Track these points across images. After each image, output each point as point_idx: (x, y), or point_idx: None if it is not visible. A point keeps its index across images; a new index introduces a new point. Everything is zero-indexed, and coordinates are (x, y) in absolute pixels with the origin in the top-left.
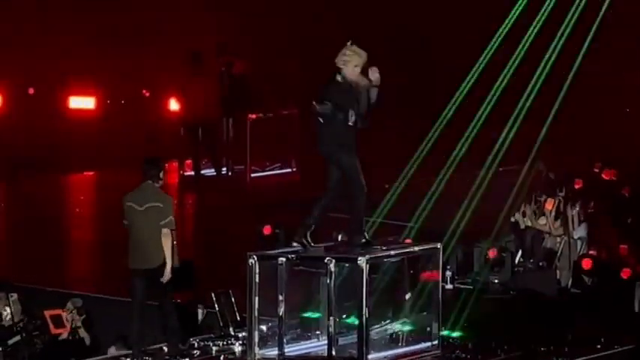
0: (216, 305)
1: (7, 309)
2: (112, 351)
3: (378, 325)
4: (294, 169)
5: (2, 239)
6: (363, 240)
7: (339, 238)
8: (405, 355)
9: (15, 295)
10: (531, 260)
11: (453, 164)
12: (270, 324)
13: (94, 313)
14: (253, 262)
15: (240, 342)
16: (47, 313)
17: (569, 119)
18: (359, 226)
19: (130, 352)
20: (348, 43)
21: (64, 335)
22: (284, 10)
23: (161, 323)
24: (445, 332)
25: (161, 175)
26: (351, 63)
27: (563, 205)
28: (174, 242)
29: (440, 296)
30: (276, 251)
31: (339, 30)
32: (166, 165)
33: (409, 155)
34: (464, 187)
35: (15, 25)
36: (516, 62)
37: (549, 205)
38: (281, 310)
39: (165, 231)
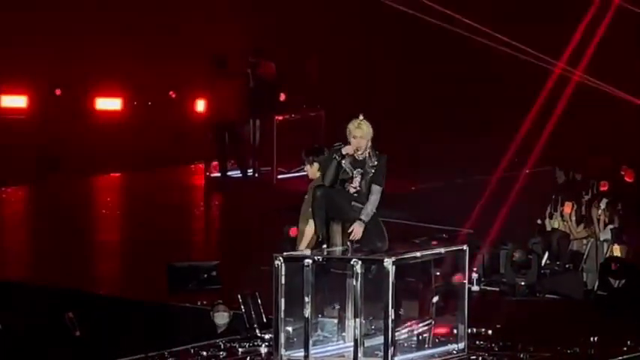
0: (242, 306)
1: None
2: None
3: (404, 327)
4: None
5: (28, 240)
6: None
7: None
8: (432, 357)
9: None
10: (558, 262)
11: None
12: (296, 325)
13: (118, 315)
14: (279, 263)
15: (267, 343)
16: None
17: (591, 121)
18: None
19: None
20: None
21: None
22: (312, 11)
23: None
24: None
25: None
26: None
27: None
28: None
29: (466, 298)
30: (303, 253)
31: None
32: (193, 167)
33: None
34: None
35: (42, 25)
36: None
37: (568, 208)
38: (307, 312)
39: None
